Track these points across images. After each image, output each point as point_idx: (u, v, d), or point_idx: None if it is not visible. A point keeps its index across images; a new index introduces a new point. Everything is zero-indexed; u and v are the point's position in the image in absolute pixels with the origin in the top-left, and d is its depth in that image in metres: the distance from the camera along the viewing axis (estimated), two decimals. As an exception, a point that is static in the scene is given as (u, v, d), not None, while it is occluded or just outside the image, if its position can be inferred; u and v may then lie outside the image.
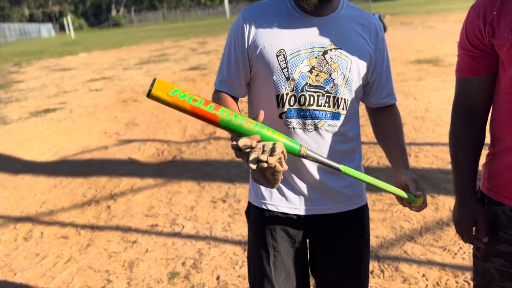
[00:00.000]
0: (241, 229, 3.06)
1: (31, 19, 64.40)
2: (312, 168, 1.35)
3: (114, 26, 64.17)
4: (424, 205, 1.28)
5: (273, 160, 0.98)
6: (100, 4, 72.99)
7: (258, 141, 1.05)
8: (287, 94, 1.29)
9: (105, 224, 3.34)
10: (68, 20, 49.89)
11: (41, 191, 4.16)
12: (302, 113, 1.30)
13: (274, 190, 1.41)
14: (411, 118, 5.28)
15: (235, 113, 1.10)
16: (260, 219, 1.43)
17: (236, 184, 3.85)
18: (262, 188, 1.42)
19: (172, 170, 4.39)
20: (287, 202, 1.39)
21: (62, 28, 58.45)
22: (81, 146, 5.52)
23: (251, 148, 1.02)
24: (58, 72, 13.92)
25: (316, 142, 1.32)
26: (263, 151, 1.01)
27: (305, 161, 1.34)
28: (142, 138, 5.63)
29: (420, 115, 5.39)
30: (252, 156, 1.00)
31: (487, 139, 1.30)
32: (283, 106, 1.31)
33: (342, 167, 1.16)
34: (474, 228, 1.30)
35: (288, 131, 1.32)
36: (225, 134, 5.44)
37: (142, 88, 9.42)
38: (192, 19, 65.75)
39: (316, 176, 1.36)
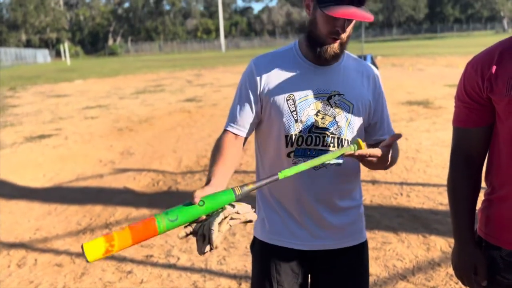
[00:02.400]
0: (236, 262, 3.09)
1: (28, 44, 65.02)
2: (317, 206, 1.44)
3: (110, 55, 64.98)
4: (367, 150, 1.26)
5: (217, 242, 1.05)
6: (97, 32, 74.16)
7: (203, 219, 1.09)
8: (295, 135, 1.40)
9: (100, 253, 3.34)
10: (65, 46, 50.45)
11: (35, 217, 4.15)
12: (309, 153, 1.41)
13: (281, 226, 1.48)
14: (402, 158, 5.41)
15: (168, 211, 1.08)
16: (266, 254, 1.50)
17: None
18: (268, 223, 1.50)
19: (167, 200, 4.42)
20: (293, 238, 1.47)
21: (58, 54, 59.03)
22: (76, 174, 5.54)
23: (195, 233, 1.09)
24: (54, 98, 14.01)
25: (322, 180, 1.42)
26: (204, 241, 1.07)
27: (310, 200, 1.43)
28: (138, 167, 5.68)
29: (411, 155, 5.53)
30: (198, 249, 1.09)
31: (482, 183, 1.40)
32: (291, 146, 1.41)
33: (279, 174, 1.18)
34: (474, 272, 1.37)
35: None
36: (220, 166, 5.51)
37: (138, 117, 9.52)
38: (188, 52, 66.88)
39: (321, 213, 1.44)
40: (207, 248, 1.06)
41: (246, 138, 1.49)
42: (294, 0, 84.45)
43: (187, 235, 1.09)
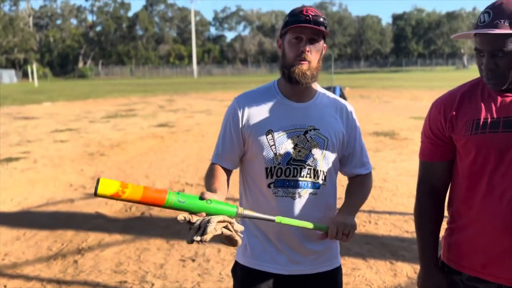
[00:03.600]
0: (210, 288, 3.13)
1: (-7, 64, 63.35)
2: (295, 232, 1.55)
3: (80, 77, 64.11)
4: (332, 234, 1.45)
5: (207, 237, 1.16)
6: (67, 54, 73.18)
7: (202, 217, 1.22)
8: (274, 167, 1.53)
9: (72, 279, 3.31)
10: (33, 67, 49.49)
11: (3, 242, 4.06)
12: (287, 183, 1.53)
13: (261, 252, 1.58)
14: (370, 187, 5.63)
15: (180, 193, 1.25)
16: (247, 278, 1.60)
17: (206, 243, 3.93)
18: (250, 249, 1.60)
19: (140, 226, 4.43)
20: (273, 263, 1.58)
21: (25, 75, 57.70)
22: (45, 198, 5.45)
23: (190, 223, 1.20)
24: (21, 120, 13.71)
25: (300, 209, 1.54)
26: (198, 230, 1.18)
27: (293, 229, 1.54)
28: (110, 192, 5.63)
29: (379, 184, 5.75)
30: (188, 235, 1.18)
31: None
32: (271, 177, 1.54)
33: (276, 218, 1.37)
34: None
35: (276, 199, 1.54)
36: (194, 192, 5.51)
37: (109, 142, 9.45)
38: (160, 77, 66.89)
39: (299, 240, 1.56)
40: (198, 238, 1.16)
41: (231, 170, 1.62)
42: (266, 30, 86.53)
43: (184, 220, 1.19)
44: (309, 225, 1.43)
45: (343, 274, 3.27)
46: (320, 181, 1.56)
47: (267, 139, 1.53)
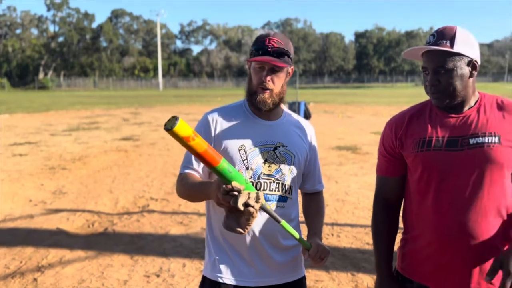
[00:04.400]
0: (175, 303, 3.13)
1: None
2: (264, 245, 1.63)
3: (40, 89, 62.15)
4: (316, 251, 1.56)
5: (258, 207, 1.24)
6: (27, 65, 70.91)
7: (239, 187, 1.30)
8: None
9: (32, 297, 3.22)
10: (-11, 78, 47.60)
11: (-43, 261, 3.89)
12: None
13: (230, 265, 1.63)
14: (333, 200, 5.78)
15: (229, 164, 1.35)
16: (215, 292, 1.64)
17: (170, 258, 3.93)
18: (218, 262, 1.65)
19: (103, 242, 4.35)
20: (240, 276, 1.64)
21: (-20, 85, 55.40)
22: (3, 214, 5.26)
23: (239, 192, 1.26)
24: (-24, 132, 13.14)
25: (268, 221, 1.62)
26: (249, 197, 1.25)
27: (259, 240, 1.61)
28: (71, 208, 5.52)
29: (341, 197, 5.91)
30: (242, 199, 1.24)
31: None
32: None
33: (282, 222, 1.47)
34: None
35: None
36: (158, 207, 5.52)
37: (71, 155, 9.23)
38: (124, 89, 65.84)
39: (268, 252, 1.63)
40: (253, 202, 1.25)
41: None
42: (232, 45, 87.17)
43: (236, 190, 1.26)
44: (296, 235, 1.53)
45: (307, 286, 3.38)
46: (287, 195, 1.66)
47: (239, 153, 1.60)
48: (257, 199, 1.26)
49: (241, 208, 1.22)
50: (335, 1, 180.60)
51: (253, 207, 1.24)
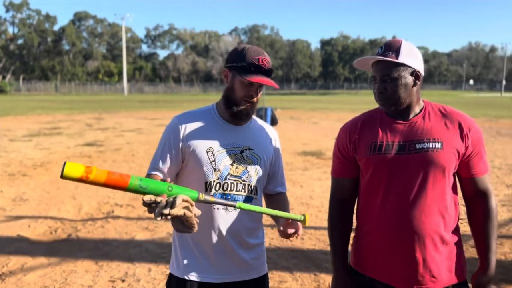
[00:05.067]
0: (141, 307, 3.14)
1: None
2: (230, 242, 1.71)
3: (-3, 92, 59.70)
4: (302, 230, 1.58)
5: (175, 211, 1.25)
6: (-16, 68, 68.07)
7: (163, 196, 1.31)
8: (213, 181, 1.69)
9: (-8, 305, 3.15)
10: None
11: None
12: (224, 197, 1.69)
13: (195, 263, 1.71)
14: (297, 204, 5.92)
15: (142, 178, 1.35)
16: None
17: (136, 263, 3.93)
18: (183, 260, 1.72)
19: (67, 249, 4.29)
20: (205, 273, 1.71)
21: None
22: (-41, 222, 5.08)
23: (156, 203, 1.29)
24: None
25: (235, 220, 1.70)
26: (165, 206, 1.27)
27: (225, 237, 1.69)
28: (33, 214, 5.39)
29: (306, 201, 6.06)
30: (157, 210, 1.27)
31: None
32: (210, 191, 1.69)
33: (237, 204, 1.49)
34: None
35: (212, 211, 1.68)
36: (123, 213, 5.49)
37: (32, 161, 8.98)
38: (87, 94, 64.28)
39: (233, 249, 1.72)
40: (167, 210, 1.24)
41: None
42: (199, 50, 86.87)
43: (150, 201, 1.27)
44: (277, 212, 1.53)
45: (271, 287, 3.47)
46: (253, 195, 1.75)
47: (207, 155, 1.68)
48: (172, 205, 1.25)
49: (157, 219, 1.25)
50: (301, 9, 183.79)
51: (169, 214, 1.24)
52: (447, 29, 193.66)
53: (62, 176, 1.23)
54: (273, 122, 14.88)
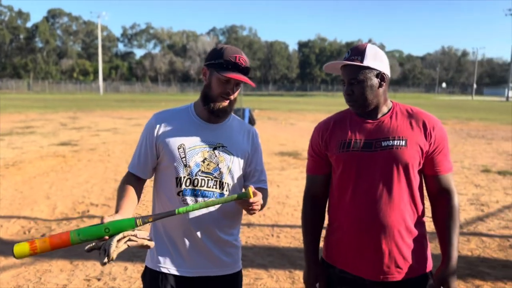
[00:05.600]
0: (117, 305, 3.15)
1: None
2: (202, 237, 1.75)
3: (-34, 90, 57.80)
4: (257, 196, 1.56)
5: (114, 255, 1.32)
6: (-48, 65, 65.82)
7: (107, 238, 1.36)
8: (184, 177, 1.73)
9: (-37, 306, 3.10)
10: None
11: None
12: (195, 192, 1.73)
13: (168, 255, 1.75)
14: (274, 203, 5.99)
15: (79, 231, 1.38)
16: (155, 281, 1.75)
17: (112, 262, 3.91)
18: (158, 253, 1.76)
19: (41, 248, 4.23)
20: (178, 266, 1.75)
21: None
22: None
23: (98, 248, 1.36)
24: None
25: (207, 216, 1.74)
26: (104, 254, 1.33)
27: (196, 232, 1.73)
28: (5, 214, 5.29)
29: (282, 200, 6.15)
30: (100, 260, 1.34)
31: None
32: (180, 186, 1.73)
33: (176, 210, 1.50)
34: (317, 285, 1.80)
35: (184, 206, 1.71)
36: (98, 212, 5.45)
37: (3, 161, 8.77)
38: (61, 92, 62.93)
39: (205, 244, 1.75)
40: (106, 259, 1.32)
41: (145, 179, 1.80)
42: (177, 49, 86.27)
43: (91, 249, 1.36)
44: (223, 199, 1.53)
45: (246, 284, 3.54)
46: (225, 192, 1.77)
47: (178, 152, 1.73)
48: (108, 251, 1.32)
49: (103, 265, 1.34)
50: (279, 10, 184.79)
51: (107, 262, 1.32)
52: (421, 33, 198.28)
53: (15, 257, 1.35)
54: (251, 122, 14.94)
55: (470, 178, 7.78)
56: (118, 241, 1.35)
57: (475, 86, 77.11)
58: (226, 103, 1.74)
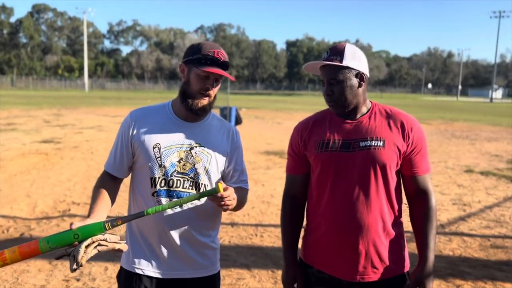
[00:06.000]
0: (95, 306, 3.09)
1: None
2: (177, 239, 1.70)
3: None
4: (228, 191, 1.50)
5: (83, 261, 1.29)
6: None
7: (75, 244, 1.32)
8: (159, 177, 1.68)
9: None
10: None
11: None
12: (170, 193, 1.68)
13: (143, 257, 1.71)
14: (259, 202, 5.97)
15: (48, 239, 1.34)
16: (129, 282, 1.71)
17: (92, 262, 3.85)
18: (133, 254, 1.72)
19: (19, 248, 4.14)
20: (152, 267, 1.71)
21: None
22: None
23: (68, 255, 1.32)
24: None
25: (182, 217, 1.70)
26: (72, 261, 1.30)
27: (171, 234, 1.69)
28: (-17, 213, 5.17)
29: (267, 200, 6.13)
30: (69, 266, 1.32)
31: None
32: (155, 187, 1.68)
33: (145, 212, 1.45)
34: (295, 285, 1.78)
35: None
36: (80, 211, 5.36)
37: (-17, 158, 8.59)
38: (46, 89, 61.98)
39: (181, 247, 1.71)
40: (74, 265, 1.29)
41: (122, 179, 1.75)
42: (164, 47, 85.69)
43: (61, 256, 1.32)
44: (193, 196, 1.47)
45: (229, 284, 3.51)
46: None
47: (153, 151, 1.67)
48: (76, 257, 1.29)
49: (73, 271, 1.31)
50: (267, 9, 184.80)
51: (76, 268, 1.29)
52: (408, 34, 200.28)
53: None
54: (238, 121, 14.88)
55: (454, 178, 7.87)
56: (87, 246, 1.32)
57: (460, 87, 78.20)
58: (205, 100, 1.68)
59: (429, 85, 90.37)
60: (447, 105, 43.44)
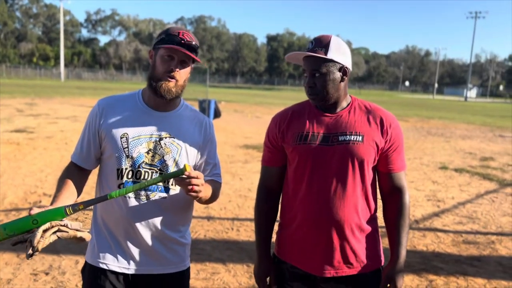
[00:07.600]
0: (64, 301, 3.00)
1: None
2: (144, 234, 1.63)
3: None
4: (195, 173, 1.45)
5: (39, 246, 1.22)
6: None
7: (33, 230, 1.26)
8: (126, 169, 1.60)
9: None
10: None
11: None
12: None
13: (108, 251, 1.64)
14: (236, 196, 5.93)
15: (5, 225, 1.29)
16: (93, 276, 1.65)
17: (62, 256, 3.74)
18: (97, 248, 1.65)
19: (-15, 241, 3.99)
20: (118, 262, 1.64)
21: None
22: None
23: (25, 241, 1.25)
24: None
25: (149, 211, 1.63)
26: (28, 246, 1.23)
27: (138, 228, 1.62)
28: None
29: (244, 194, 6.09)
30: (26, 253, 1.24)
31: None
32: (121, 178, 1.61)
33: (108, 195, 1.40)
34: (268, 279, 1.75)
35: (124, 200, 1.60)
36: (52, 204, 5.20)
37: (-50, 147, 8.26)
38: (19, 77, 60.23)
39: (149, 242, 1.64)
40: (30, 250, 1.20)
41: (89, 170, 1.68)
42: (143, 37, 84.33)
43: (17, 243, 1.24)
44: (157, 178, 1.44)
45: (203, 278, 3.46)
46: (170, 186, 1.64)
47: (121, 141, 1.60)
48: (32, 242, 1.22)
49: (29, 259, 1.25)
50: (249, 3, 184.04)
51: (33, 254, 1.23)
52: (387, 32, 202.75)
53: None
54: (216, 114, 14.78)
55: (428, 175, 8.00)
56: (45, 231, 1.24)
57: (436, 85, 79.74)
58: (171, 83, 1.58)
59: (407, 83, 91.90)
60: (424, 103, 44.25)
